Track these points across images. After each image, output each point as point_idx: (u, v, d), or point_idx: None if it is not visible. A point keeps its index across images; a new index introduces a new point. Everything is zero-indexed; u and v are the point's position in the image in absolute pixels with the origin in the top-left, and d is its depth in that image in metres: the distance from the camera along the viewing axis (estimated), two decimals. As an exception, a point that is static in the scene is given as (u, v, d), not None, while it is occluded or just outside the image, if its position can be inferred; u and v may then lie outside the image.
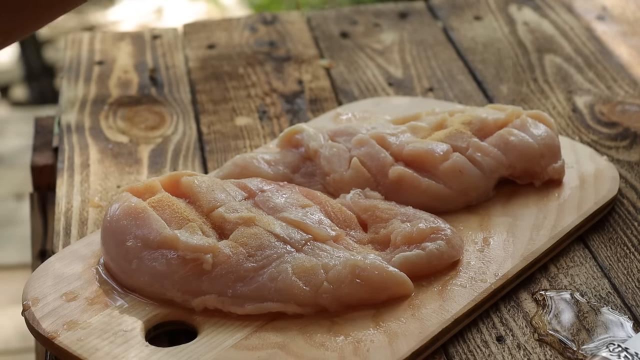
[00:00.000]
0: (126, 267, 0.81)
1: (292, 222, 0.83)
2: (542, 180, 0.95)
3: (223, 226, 0.83)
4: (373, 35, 1.31)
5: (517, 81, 1.20)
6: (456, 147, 0.93)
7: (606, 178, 0.96)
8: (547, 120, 0.98)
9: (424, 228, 0.85)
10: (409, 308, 0.80)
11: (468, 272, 0.84)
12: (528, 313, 0.82)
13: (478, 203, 0.93)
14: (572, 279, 0.86)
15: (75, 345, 0.76)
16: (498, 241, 0.88)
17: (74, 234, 0.92)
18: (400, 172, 0.91)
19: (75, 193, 0.99)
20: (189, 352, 0.76)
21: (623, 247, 0.91)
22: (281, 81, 1.20)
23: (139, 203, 0.83)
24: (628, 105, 1.13)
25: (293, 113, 1.13)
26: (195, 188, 0.86)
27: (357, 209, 0.88)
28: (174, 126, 1.11)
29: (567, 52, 1.26)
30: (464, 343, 0.80)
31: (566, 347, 0.79)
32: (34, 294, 0.81)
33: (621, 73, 1.20)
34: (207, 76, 1.21)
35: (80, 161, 1.04)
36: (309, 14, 1.37)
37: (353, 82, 1.20)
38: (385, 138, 0.94)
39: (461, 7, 1.37)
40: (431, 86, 1.19)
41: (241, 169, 0.94)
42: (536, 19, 1.34)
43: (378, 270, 0.80)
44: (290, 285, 0.79)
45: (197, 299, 0.79)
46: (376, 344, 0.76)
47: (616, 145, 1.06)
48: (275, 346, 0.76)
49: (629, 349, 0.75)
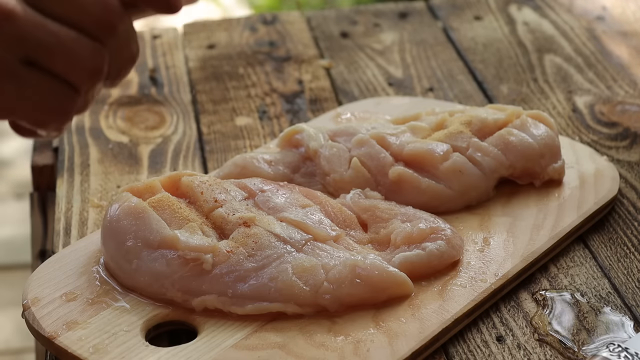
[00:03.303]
0: (126, 267, 0.81)
1: (292, 222, 0.83)
2: (542, 180, 0.95)
3: (223, 226, 0.83)
4: (373, 35, 1.31)
5: (517, 81, 1.20)
6: (456, 147, 0.93)
7: (606, 178, 0.96)
8: (547, 120, 0.98)
9: (424, 228, 0.85)
10: (409, 308, 0.80)
11: (468, 272, 0.84)
12: (528, 313, 0.82)
13: (478, 203, 0.93)
14: (572, 279, 0.86)
15: (75, 345, 0.76)
16: (498, 241, 0.88)
17: (74, 234, 0.92)
18: (400, 172, 0.91)
19: (75, 193, 0.99)
20: (189, 352, 0.76)
21: (623, 247, 0.91)
22: (281, 81, 1.20)
23: (139, 203, 0.83)
24: (628, 105, 1.13)
25: (293, 113, 1.13)
26: (195, 188, 0.86)
27: (357, 209, 0.88)
28: (174, 126, 1.11)
29: (567, 52, 1.26)
30: (464, 343, 0.80)
31: (566, 347, 0.79)
32: (34, 294, 0.81)
33: (621, 73, 1.20)
34: (207, 76, 1.21)
35: (80, 161, 1.04)
36: (309, 14, 1.37)
37: (353, 82, 1.20)
38: (385, 138, 0.94)
39: (461, 7, 1.37)
40: (431, 86, 1.19)
41: (241, 169, 0.94)
42: (536, 19, 1.34)
43: (378, 270, 0.80)
44: (290, 285, 0.79)
45: (197, 299, 0.79)
46: (376, 344, 0.76)
47: (616, 145, 1.06)
48: (275, 346, 0.76)
49: (629, 349, 0.75)
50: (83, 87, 0.63)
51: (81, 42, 0.61)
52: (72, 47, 0.61)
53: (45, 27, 0.60)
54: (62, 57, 0.61)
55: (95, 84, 0.63)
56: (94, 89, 0.64)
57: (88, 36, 0.62)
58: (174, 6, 0.66)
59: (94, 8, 0.62)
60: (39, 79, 0.61)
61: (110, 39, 0.63)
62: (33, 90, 0.61)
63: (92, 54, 0.62)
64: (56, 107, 0.62)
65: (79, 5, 0.62)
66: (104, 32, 0.63)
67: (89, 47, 0.62)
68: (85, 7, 0.62)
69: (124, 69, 0.65)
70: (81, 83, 0.62)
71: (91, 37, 0.62)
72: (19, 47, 0.59)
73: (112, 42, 0.63)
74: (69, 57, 0.61)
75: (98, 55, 0.62)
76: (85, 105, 0.64)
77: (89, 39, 0.62)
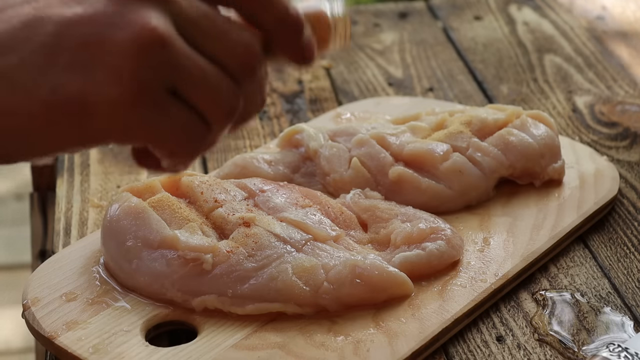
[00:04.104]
0: (126, 267, 0.81)
1: (292, 222, 0.83)
2: (542, 180, 0.95)
3: (223, 226, 0.83)
4: (373, 35, 1.31)
5: (517, 81, 1.20)
6: (456, 147, 0.93)
7: (606, 178, 0.96)
8: (547, 120, 0.98)
9: (424, 228, 0.85)
10: (409, 308, 0.80)
11: (468, 272, 0.84)
12: (528, 313, 0.82)
13: (478, 203, 0.93)
14: (572, 279, 0.86)
15: (75, 345, 0.76)
16: (498, 241, 0.88)
17: (74, 234, 0.92)
18: (400, 172, 0.91)
19: (75, 193, 0.99)
20: (189, 352, 0.76)
21: (623, 247, 0.91)
22: (281, 81, 1.20)
23: (139, 203, 0.83)
24: (628, 105, 1.13)
25: (293, 113, 1.13)
26: (195, 188, 0.86)
27: (357, 209, 0.88)
28: (174, 126, 1.11)
29: (567, 52, 1.26)
30: (464, 343, 0.80)
31: (566, 347, 0.79)
32: (34, 294, 0.81)
33: (621, 73, 1.20)
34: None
35: (80, 161, 1.04)
36: (309, 14, 1.37)
37: (353, 82, 1.20)
38: (385, 138, 0.94)
39: (461, 7, 1.37)
40: (431, 86, 1.19)
41: (241, 169, 0.94)
42: (536, 19, 1.34)
43: (378, 270, 0.80)
44: (290, 285, 0.79)
45: (197, 299, 0.79)
46: (376, 344, 0.76)
47: (616, 145, 1.06)
48: (275, 346, 0.76)
49: (629, 349, 0.75)
50: (217, 124, 0.63)
51: (223, 80, 0.62)
52: (216, 84, 0.61)
53: (195, 60, 0.60)
54: (205, 92, 0.61)
55: (227, 123, 0.64)
56: (224, 129, 0.64)
57: (229, 76, 0.62)
58: (308, 58, 0.67)
59: (240, 49, 0.62)
60: (179, 109, 0.61)
61: (248, 82, 0.63)
62: (172, 119, 0.61)
63: (231, 94, 0.62)
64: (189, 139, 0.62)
65: (226, 44, 0.62)
66: (245, 75, 0.63)
67: (229, 86, 0.62)
68: (232, 47, 0.62)
69: (250, 114, 0.66)
70: (216, 120, 0.63)
71: (231, 77, 0.62)
72: (168, 75, 0.59)
73: (248, 85, 0.63)
74: (212, 93, 0.61)
75: (235, 95, 0.63)
76: (211, 144, 0.64)
77: (229, 78, 0.62)
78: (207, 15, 0.61)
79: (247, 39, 0.63)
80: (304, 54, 0.67)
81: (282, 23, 0.65)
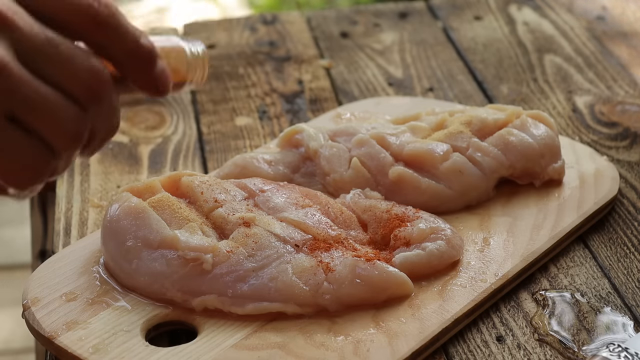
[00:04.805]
0: (126, 267, 0.81)
1: (292, 222, 0.83)
2: (542, 180, 0.95)
3: (223, 226, 0.83)
4: (373, 35, 1.31)
5: (517, 81, 1.20)
6: (456, 147, 0.93)
7: (606, 178, 0.96)
8: (547, 120, 0.98)
9: (424, 228, 0.85)
10: (409, 308, 0.80)
11: (468, 272, 0.84)
12: (528, 313, 0.82)
13: (478, 203, 0.93)
14: (572, 279, 0.86)
15: (75, 345, 0.76)
16: (498, 241, 0.88)
17: (74, 234, 0.92)
18: (400, 172, 0.91)
19: (75, 193, 0.99)
20: (189, 352, 0.76)
21: (623, 247, 0.91)
22: (281, 81, 1.20)
23: (139, 203, 0.83)
24: (628, 105, 1.13)
25: (293, 113, 1.13)
26: (195, 188, 0.86)
27: (357, 209, 0.88)
28: (174, 126, 1.11)
29: (567, 52, 1.26)
30: (464, 343, 0.80)
31: (566, 347, 0.79)
32: (34, 294, 0.81)
33: (621, 73, 1.20)
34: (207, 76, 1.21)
35: (80, 161, 1.04)
36: (309, 14, 1.37)
37: (353, 82, 1.20)
38: (385, 138, 0.94)
39: (461, 7, 1.37)
40: (431, 86, 1.19)
41: (241, 169, 0.94)
42: (536, 19, 1.34)
43: (378, 270, 0.80)
44: (290, 285, 0.79)
45: (197, 299, 0.79)
46: (376, 344, 0.76)
47: (616, 145, 1.06)
48: (275, 346, 0.76)
49: (629, 349, 0.75)
50: (61, 150, 0.63)
51: (66, 106, 0.62)
52: (57, 110, 0.62)
53: (34, 86, 0.61)
54: (45, 117, 0.62)
55: (73, 149, 0.64)
56: (71, 155, 0.64)
57: (74, 102, 0.63)
58: (161, 90, 0.68)
59: (85, 75, 0.63)
60: (19, 136, 0.61)
61: (94, 108, 0.64)
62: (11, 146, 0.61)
63: (75, 120, 0.63)
64: (31, 166, 0.62)
65: (71, 70, 0.62)
66: (90, 101, 0.63)
67: (73, 112, 0.63)
68: (77, 73, 0.63)
69: (101, 140, 0.66)
70: (60, 146, 0.63)
71: (77, 103, 0.63)
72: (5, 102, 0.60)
73: (95, 111, 0.64)
74: (52, 118, 0.62)
75: (81, 121, 0.63)
76: (58, 170, 0.65)
77: (74, 104, 0.63)
78: (50, 42, 0.62)
79: (93, 65, 0.63)
80: (157, 85, 0.67)
81: (132, 54, 0.66)
